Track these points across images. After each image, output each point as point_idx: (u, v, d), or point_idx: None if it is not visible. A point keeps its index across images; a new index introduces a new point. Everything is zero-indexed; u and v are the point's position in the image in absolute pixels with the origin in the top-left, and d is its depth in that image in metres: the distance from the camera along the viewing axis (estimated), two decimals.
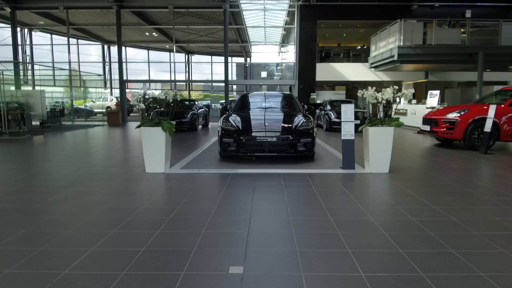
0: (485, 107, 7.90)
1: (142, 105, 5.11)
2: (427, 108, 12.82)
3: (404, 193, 4.21)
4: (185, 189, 4.38)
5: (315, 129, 6.43)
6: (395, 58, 13.46)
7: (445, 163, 6.33)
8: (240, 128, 6.22)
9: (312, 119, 6.67)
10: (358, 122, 5.90)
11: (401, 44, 13.37)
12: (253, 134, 6.01)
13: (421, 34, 13.72)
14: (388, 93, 5.22)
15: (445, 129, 8.19)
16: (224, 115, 6.84)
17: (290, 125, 6.28)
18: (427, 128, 8.68)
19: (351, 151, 5.61)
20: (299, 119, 6.48)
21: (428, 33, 13.78)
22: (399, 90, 5.33)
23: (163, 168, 5.36)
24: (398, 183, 4.75)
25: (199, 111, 14.01)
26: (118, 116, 17.05)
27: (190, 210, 3.54)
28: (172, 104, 5.43)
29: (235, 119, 6.49)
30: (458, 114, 8.06)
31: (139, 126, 5.29)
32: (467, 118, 7.93)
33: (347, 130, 5.62)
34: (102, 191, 4.30)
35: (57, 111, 14.83)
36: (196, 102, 14.81)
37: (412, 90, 5.25)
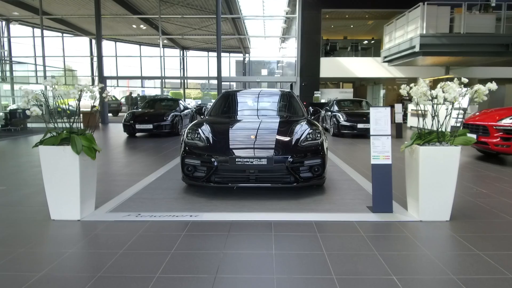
0: None
1: (36, 109, 3.00)
2: (454, 109, 10.65)
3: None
4: (87, 273, 2.27)
5: (325, 144, 4.30)
6: (416, 49, 11.25)
7: None
8: (212, 143, 4.10)
9: (320, 128, 4.54)
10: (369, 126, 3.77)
11: (424, 32, 11.16)
12: (232, 153, 3.89)
13: (448, 21, 11.49)
14: (453, 90, 3.11)
15: (499, 139, 6.05)
16: (192, 123, 4.71)
17: (289, 138, 4.16)
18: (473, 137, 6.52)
19: (386, 183, 3.47)
20: (302, 129, 4.35)
21: (456, 20, 11.56)
22: (468, 85, 3.23)
23: (78, 213, 3.25)
24: (481, 250, 2.62)
25: (183, 112, 11.86)
26: (95, 116, 14.97)
27: None
28: (95, 108, 3.34)
29: (205, 129, 4.35)
30: None
31: (37, 145, 3.20)
32: None
33: (380, 150, 3.49)
34: None
35: (19, 112, 12.75)
36: (181, 102, 12.67)
37: (494, 85, 3.13)
